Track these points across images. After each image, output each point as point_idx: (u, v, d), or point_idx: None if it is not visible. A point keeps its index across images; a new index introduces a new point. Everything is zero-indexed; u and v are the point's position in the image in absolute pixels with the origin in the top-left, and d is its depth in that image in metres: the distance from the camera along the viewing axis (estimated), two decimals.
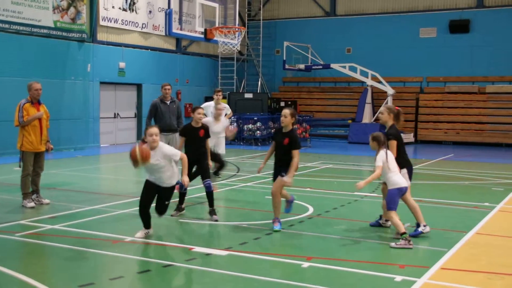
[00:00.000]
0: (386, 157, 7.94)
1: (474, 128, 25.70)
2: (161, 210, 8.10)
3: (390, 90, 25.89)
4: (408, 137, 25.52)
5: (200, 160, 9.49)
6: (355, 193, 11.64)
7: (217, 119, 12.11)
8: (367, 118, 26.51)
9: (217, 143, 14.13)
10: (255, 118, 24.46)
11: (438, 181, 14.17)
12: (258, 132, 24.29)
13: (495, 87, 26.45)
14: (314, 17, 30.75)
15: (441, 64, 27.63)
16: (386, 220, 8.60)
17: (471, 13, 27.37)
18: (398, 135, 8.49)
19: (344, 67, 27.20)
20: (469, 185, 13.62)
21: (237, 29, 23.87)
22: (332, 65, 27.45)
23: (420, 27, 28.31)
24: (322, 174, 15.14)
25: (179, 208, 9.55)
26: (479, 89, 26.66)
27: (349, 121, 27.05)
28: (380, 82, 26.35)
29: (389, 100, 25.61)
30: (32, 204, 9.99)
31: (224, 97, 18.54)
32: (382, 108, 8.66)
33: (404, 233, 7.63)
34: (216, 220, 9.07)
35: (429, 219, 8.69)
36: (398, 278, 6.25)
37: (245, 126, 24.38)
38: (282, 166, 8.40)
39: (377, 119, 26.31)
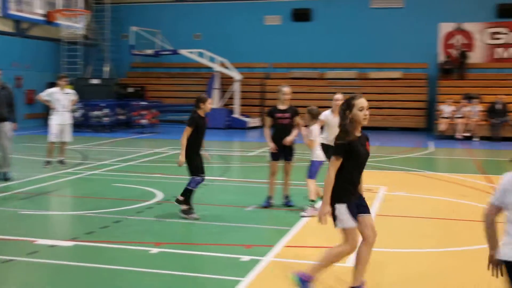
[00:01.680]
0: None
1: None
2: None
3: (237, 76, 26.44)
4: (254, 121, 26.28)
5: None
6: (205, 177, 11.80)
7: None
8: (215, 103, 26.85)
9: (63, 130, 13.63)
10: (103, 105, 23.81)
11: (283, 163, 14.72)
12: (105, 118, 23.69)
13: (334, 73, 28.06)
14: (163, 2, 30.47)
15: (286, 51, 28.72)
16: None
17: (312, 2, 28.71)
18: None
19: (193, 53, 27.30)
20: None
21: (80, 12, 23.00)
22: (181, 51, 27.43)
23: (264, 14, 29.19)
24: (172, 160, 15.14)
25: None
26: (320, 75, 28.13)
27: None
28: (227, 67, 26.80)
29: (237, 85, 26.16)
30: None
31: (69, 83, 17.77)
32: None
33: (313, 200, 8.46)
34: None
35: (274, 200, 9.06)
36: (245, 258, 6.48)
37: (92, 112, 23.67)
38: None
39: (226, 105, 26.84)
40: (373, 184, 11.36)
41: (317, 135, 8.98)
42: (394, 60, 27.79)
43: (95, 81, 26.20)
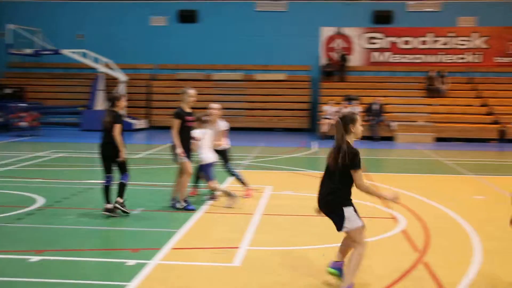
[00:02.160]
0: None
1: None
2: None
3: (122, 77, 25.91)
4: (141, 123, 25.89)
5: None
6: (87, 181, 11.51)
7: None
8: (100, 105, 26.13)
9: None
10: None
11: (170, 165, 14.63)
12: None
13: (221, 74, 28.28)
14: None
15: (172, 52, 28.57)
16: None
17: (198, 4, 28.75)
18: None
19: (75, 53, 26.41)
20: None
21: None
22: (63, 51, 26.43)
23: (150, 15, 28.86)
24: (54, 164, 14.59)
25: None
26: (206, 76, 28.22)
27: (81, 108, 26.40)
28: (112, 68, 26.20)
29: (122, 87, 25.63)
30: None
31: None
32: None
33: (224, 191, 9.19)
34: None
35: (161, 202, 8.99)
36: (131, 262, 6.37)
37: None
38: None
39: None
40: (259, 184, 11.57)
41: (201, 139, 9.26)
42: (278, 62, 28.48)
43: None
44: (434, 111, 24.81)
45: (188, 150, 9.21)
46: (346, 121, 5.81)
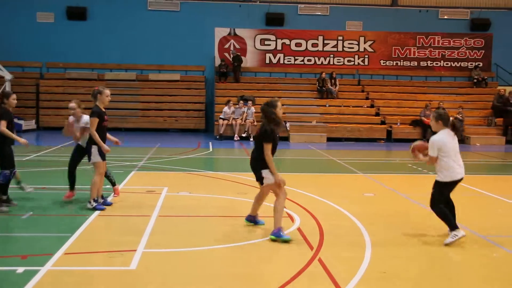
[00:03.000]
0: None
1: None
2: None
3: (8, 75, 24.64)
4: (29, 124, 24.77)
5: None
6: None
7: None
8: None
9: None
10: None
11: (56, 167, 14.11)
12: None
13: (113, 74, 27.63)
14: None
15: (61, 50, 27.54)
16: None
17: (87, 1, 27.91)
18: None
19: None
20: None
21: None
22: None
23: (37, 11, 27.67)
24: None
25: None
26: (98, 76, 27.45)
27: None
28: None
29: (7, 85, 24.37)
30: None
31: None
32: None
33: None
34: None
35: (51, 206, 8.64)
36: (20, 269, 6.08)
37: None
38: None
39: None
40: (155, 185, 11.42)
41: None
42: (173, 63, 28.24)
43: None
44: (325, 111, 25.60)
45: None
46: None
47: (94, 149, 9.11)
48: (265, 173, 7.70)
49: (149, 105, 26.92)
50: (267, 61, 28.56)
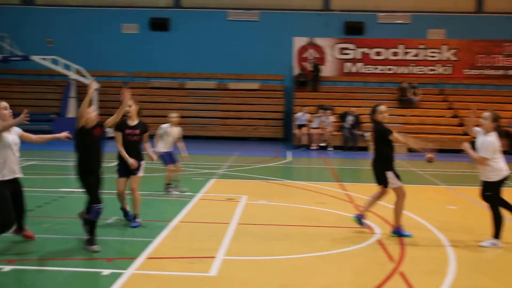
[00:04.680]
0: None
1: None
2: None
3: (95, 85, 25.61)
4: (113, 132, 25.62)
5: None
6: (59, 189, 11.36)
7: None
8: (72, 112, 25.85)
9: None
10: None
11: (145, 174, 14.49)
12: None
13: (194, 83, 28.22)
14: (10, 4, 28.87)
15: (144, 60, 28.42)
16: None
17: (170, 12, 28.69)
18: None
19: (46, 59, 26.08)
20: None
21: None
22: (32, 57, 26.09)
23: (122, 22, 28.69)
24: (26, 171, 14.28)
25: None
26: (179, 85, 28.12)
27: (53, 116, 26.06)
28: (83, 75, 25.94)
29: (94, 94, 25.36)
30: None
31: None
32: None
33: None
34: None
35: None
36: (106, 271, 6.28)
37: None
38: None
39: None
40: (235, 193, 11.53)
41: None
42: (252, 72, 28.53)
43: None
44: (406, 121, 25.09)
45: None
46: None
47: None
48: (389, 175, 8.11)
49: (228, 114, 27.29)
50: (346, 70, 28.34)
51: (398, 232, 8.18)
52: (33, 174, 13.90)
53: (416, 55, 28.11)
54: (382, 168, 8.19)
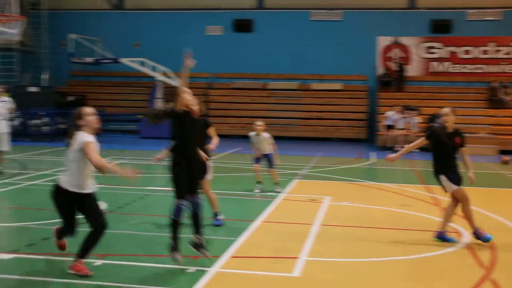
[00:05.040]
0: None
1: None
2: None
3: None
4: None
5: None
6: (148, 187, 11.69)
7: None
8: None
9: (0, 138, 13.27)
10: (42, 113, 23.21)
11: (227, 173, 14.72)
12: (45, 127, 23.13)
13: (276, 84, 28.31)
14: (102, 9, 30.04)
15: (228, 61, 28.80)
16: None
17: (253, 13, 28.94)
18: None
19: (134, 61, 26.96)
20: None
21: (16, 18, 22.34)
22: (121, 60, 27.03)
23: (206, 24, 29.20)
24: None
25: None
26: (262, 86, 28.31)
27: (140, 116, 26.89)
28: (169, 77, 26.61)
29: None
30: None
31: (7, 91, 17.27)
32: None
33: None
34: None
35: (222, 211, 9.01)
36: (192, 269, 6.42)
37: (31, 121, 23.04)
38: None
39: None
40: (318, 194, 11.48)
41: None
42: (334, 72, 28.28)
43: (33, 89, 25.52)
44: (497, 122, 24.11)
45: None
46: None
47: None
48: (442, 179, 7.96)
49: (310, 114, 27.21)
50: (432, 70, 27.57)
51: (441, 237, 7.91)
52: None
53: (508, 53, 26.92)
54: (435, 172, 8.09)
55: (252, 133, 11.88)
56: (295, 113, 27.24)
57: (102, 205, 9.81)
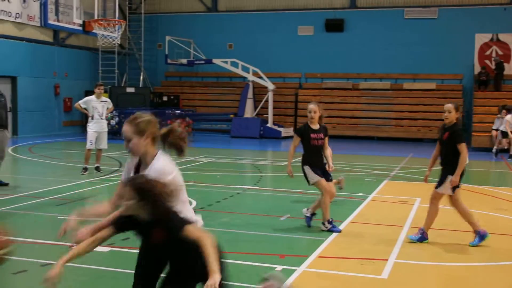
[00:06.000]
0: None
1: (349, 122, 26.95)
2: None
3: (270, 86, 26.50)
4: (288, 131, 26.27)
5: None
6: (238, 186, 11.89)
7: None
8: (249, 113, 26.97)
9: (99, 137, 13.91)
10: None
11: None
12: None
13: (368, 83, 27.93)
14: (196, 12, 30.82)
15: (318, 61, 28.72)
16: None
17: (345, 13, 28.68)
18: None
19: (226, 62, 27.47)
20: (345, 176, 14.29)
21: (117, 22, 23.40)
22: (214, 60, 27.64)
23: (298, 25, 29.24)
24: (205, 168, 15.25)
25: None
26: (353, 85, 28.02)
27: (231, 116, 27.37)
28: (261, 77, 26.89)
29: (270, 95, 26.23)
30: None
31: (105, 91, 18.16)
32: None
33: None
34: None
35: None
36: (279, 267, 6.48)
37: None
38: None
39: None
40: (408, 196, 11.27)
41: None
42: (428, 71, 27.56)
43: (130, 90, 26.56)
44: None
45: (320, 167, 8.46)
46: None
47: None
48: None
49: (402, 115, 26.66)
50: None
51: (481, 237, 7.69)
52: (211, 171, 14.74)
53: None
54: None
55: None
56: (387, 113, 26.78)
57: (192, 203, 10.13)
